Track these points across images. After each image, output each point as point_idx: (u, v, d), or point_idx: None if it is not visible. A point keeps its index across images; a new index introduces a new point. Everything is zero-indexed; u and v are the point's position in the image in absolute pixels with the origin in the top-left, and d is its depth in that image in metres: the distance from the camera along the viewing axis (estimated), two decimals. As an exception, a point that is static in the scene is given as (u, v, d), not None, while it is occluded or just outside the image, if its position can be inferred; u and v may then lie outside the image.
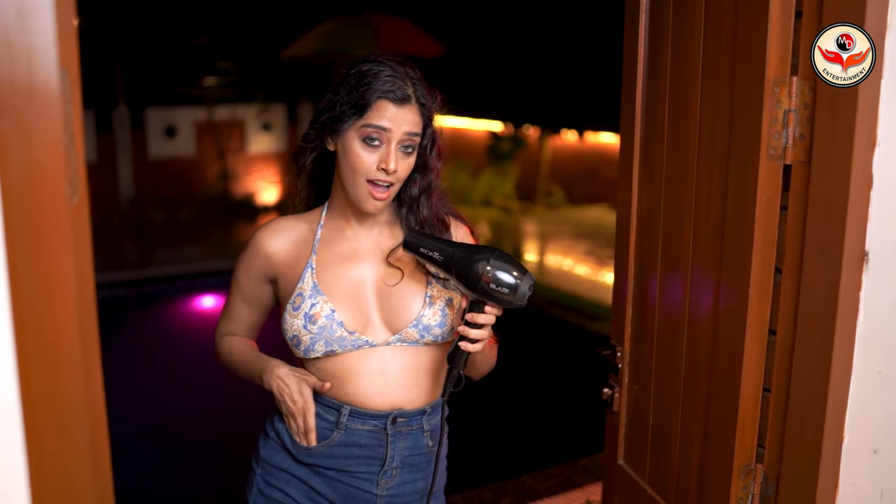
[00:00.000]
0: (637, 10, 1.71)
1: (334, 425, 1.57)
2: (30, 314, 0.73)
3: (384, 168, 1.48)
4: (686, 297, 1.61)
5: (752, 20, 1.37)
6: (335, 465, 1.58)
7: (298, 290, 1.56)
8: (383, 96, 1.48)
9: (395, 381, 1.57)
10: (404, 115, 1.49)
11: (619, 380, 1.86)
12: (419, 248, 1.47)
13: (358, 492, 1.59)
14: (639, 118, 1.74)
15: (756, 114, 1.37)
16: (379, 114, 1.48)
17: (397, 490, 1.61)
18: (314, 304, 1.54)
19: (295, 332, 1.54)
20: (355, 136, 1.49)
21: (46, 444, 0.80)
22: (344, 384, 1.56)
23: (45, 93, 0.73)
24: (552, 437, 4.53)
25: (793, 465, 1.40)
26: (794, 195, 1.36)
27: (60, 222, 0.76)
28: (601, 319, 5.80)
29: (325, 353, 1.55)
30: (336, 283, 1.57)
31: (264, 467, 1.66)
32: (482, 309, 1.45)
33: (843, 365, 1.31)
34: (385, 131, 1.48)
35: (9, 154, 0.71)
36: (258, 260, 1.63)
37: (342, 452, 1.58)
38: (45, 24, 0.72)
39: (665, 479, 1.71)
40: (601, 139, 9.57)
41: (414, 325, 1.55)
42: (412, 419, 1.58)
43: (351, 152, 1.50)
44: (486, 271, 1.40)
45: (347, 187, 1.53)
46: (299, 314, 1.54)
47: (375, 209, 1.53)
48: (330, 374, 1.57)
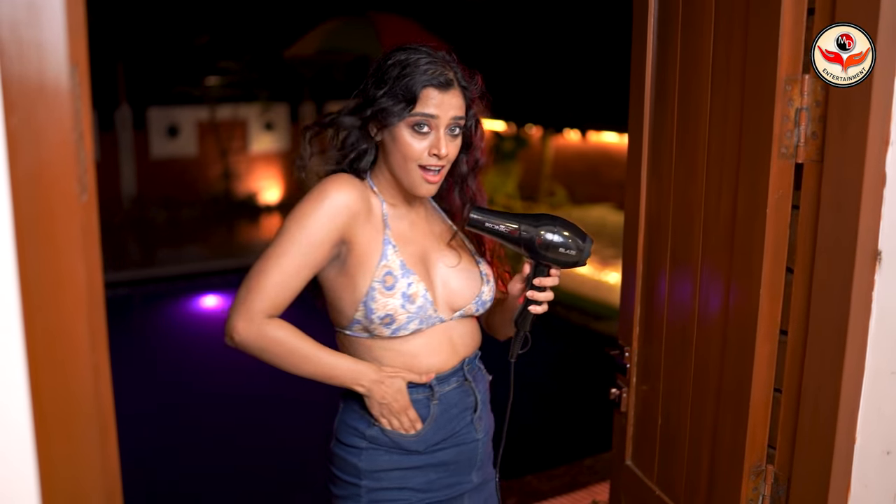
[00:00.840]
0: (645, 8, 1.70)
1: (428, 400, 1.61)
2: (40, 315, 0.72)
3: (436, 153, 1.51)
4: (695, 296, 1.60)
5: (763, 18, 1.36)
6: (446, 434, 1.63)
7: (385, 268, 1.52)
8: (428, 83, 1.50)
9: (460, 343, 1.65)
10: (449, 99, 1.52)
11: (626, 380, 1.85)
12: (485, 224, 1.53)
13: (466, 446, 1.66)
14: (647, 116, 1.73)
15: (767, 112, 1.36)
16: (425, 102, 1.50)
17: (486, 428, 1.71)
18: (410, 283, 1.53)
19: (389, 311, 1.51)
20: (404, 126, 1.51)
21: (56, 445, 0.79)
22: (420, 360, 1.59)
23: (56, 90, 0.73)
24: (557, 437, 4.52)
25: (804, 466, 1.39)
26: (806, 194, 1.35)
27: (70, 221, 0.75)
28: (605, 319, 5.79)
29: (414, 331, 1.56)
30: (415, 262, 1.57)
31: (371, 477, 1.60)
32: (547, 273, 1.56)
33: (856, 365, 1.30)
34: (433, 118, 1.50)
35: (18, 152, 0.70)
36: (338, 215, 1.48)
37: (444, 419, 1.62)
38: (56, 20, 0.71)
39: (674, 480, 1.70)
40: (604, 139, 9.54)
41: (475, 302, 1.64)
42: (472, 362, 1.69)
43: (401, 141, 1.51)
44: (552, 238, 1.50)
45: (398, 174, 1.55)
46: (395, 293, 1.51)
47: (429, 192, 1.56)
48: (407, 353, 1.58)
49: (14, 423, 0.75)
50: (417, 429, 1.60)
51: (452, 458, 1.65)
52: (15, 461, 0.76)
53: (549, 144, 9.97)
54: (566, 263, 1.52)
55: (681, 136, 1.63)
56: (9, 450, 0.76)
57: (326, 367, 1.55)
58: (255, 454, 4.35)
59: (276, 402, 4.88)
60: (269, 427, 4.66)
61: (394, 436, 1.60)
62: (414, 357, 1.59)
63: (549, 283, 1.56)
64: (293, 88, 10.34)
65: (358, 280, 1.52)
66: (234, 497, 4.01)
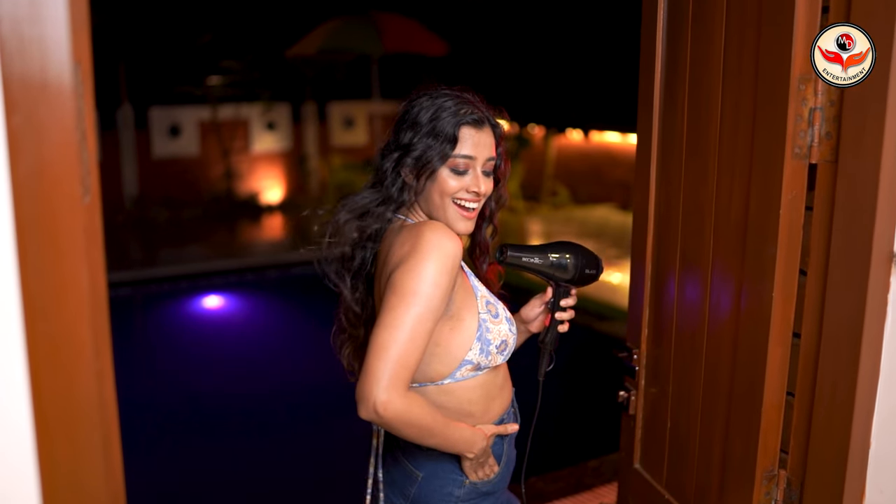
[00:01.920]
0: (655, 6, 1.68)
1: (502, 439, 1.64)
2: (42, 320, 0.70)
3: (475, 191, 1.53)
4: (706, 298, 1.58)
5: (777, 16, 1.34)
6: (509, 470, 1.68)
7: (483, 298, 1.55)
8: (464, 122, 1.51)
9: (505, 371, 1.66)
10: (484, 139, 1.54)
11: (635, 382, 1.83)
12: (521, 259, 1.60)
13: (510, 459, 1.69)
14: (656, 115, 1.71)
15: (781, 112, 1.33)
16: (463, 143, 1.51)
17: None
18: (500, 306, 1.58)
19: (503, 337, 1.54)
20: (444, 169, 1.52)
21: (59, 452, 0.77)
22: (502, 388, 1.62)
23: (58, 88, 0.70)
24: (561, 438, 4.49)
25: (818, 470, 1.37)
26: (820, 195, 1.33)
27: (73, 223, 0.73)
28: (609, 320, 5.77)
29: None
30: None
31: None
32: (569, 293, 1.66)
33: (871, 368, 1.28)
34: (471, 160, 1.52)
35: (20, 152, 0.68)
36: (456, 266, 1.42)
37: (510, 455, 1.68)
38: (58, 16, 0.69)
39: (684, 484, 1.68)
40: (606, 139, 9.51)
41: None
42: None
43: (440, 181, 1.52)
44: (579, 264, 1.62)
45: (436, 212, 1.54)
46: (501, 320, 1.55)
47: (467, 230, 1.56)
48: (495, 386, 1.59)
49: (16, 429, 0.73)
50: (496, 471, 1.63)
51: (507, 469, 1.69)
52: (17, 468, 0.74)
53: (551, 144, 9.94)
54: (589, 283, 1.64)
55: (691, 135, 1.60)
56: (11, 457, 0.73)
57: (452, 438, 1.47)
58: (257, 455, 4.33)
59: (279, 403, 4.86)
60: (272, 427, 4.64)
61: (484, 484, 1.62)
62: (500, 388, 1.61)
63: (572, 302, 1.67)
64: (295, 88, 10.32)
65: (466, 319, 1.49)
66: (234, 497, 3.99)
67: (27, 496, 0.77)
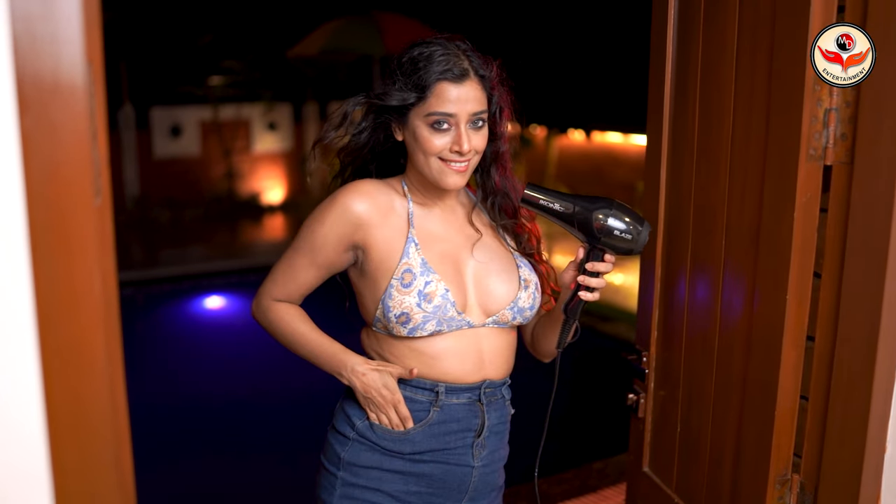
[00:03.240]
0: (666, 6, 1.67)
1: (430, 405, 1.56)
2: (55, 323, 0.69)
3: (458, 150, 1.47)
4: (717, 300, 1.56)
5: (791, 15, 1.32)
6: (435, 446, 1.57)
7: (405, 266, 1.50)
8: (441, 77, 1.46)
9: (487, 359, 1.58)
10: (466, 92, 1.47)
11: (644, 385, 1.81)
12: (539, 201, 1.46)
13: (456, 468, 1.59)
14: (667, 115, 1.69)
15: (795, 113, 1.32)
16: (441, 99, 1.46)
17: (488, 459, 1.63)
18: (428, 282, 1.49)
19: (405, 309, 1.48)
20: (422, 124, 1.48)
21: (70, 456, 0.75)
22: (441, 363, 1.55)
23: (71, 87, 0.69)
24: (566, 440, 4.48)
25: (832, 475, 1.35)
26: (835, 197, 1.32)
27: (86, 225, 0.71)
28: (612, 321, 5.75)
29: (432, 332, 1.52)
30: (440, 261, 1.54)
31: (349, 469, 1.59)
32: (601, 257, 1.49)
33: (887, 371, 1.27)
34: (451, 116, 1.47)
35: (32, 152, 0.67)
36: (345, 223, 1.52)
37: (440, 430, 1.57)
38: (72, 14, 0.67)
39: (694, 489, 1.66)
40: (608, 139, 9.50)
41: (510, 308, 1.57)
42: (497, 389, 1.62)
43: (420, 138, 1.48)
44: (608, 220, 1.43)
45: (423, 170, 1.52)
46: (411, 291, 1.49)
47: (457, 184, 1.51)
48: (427, 354, 1.54)
49: (28, 433, 0.72)
50: (407, 426, 1.55)
51: (438, 476, 1.59)
52: (30, 476, 0.72)
53: (553, 145, 9.93)
54: (621, 249, 1.46)
55: (702, 136, 1.59)
56: (24, 463, 0.72)
57: (316, 350, 1.60)
58: (258, 455, 4.32)
59: (282, 403, 4.85)
60: (273, 427, 4.62)
61: (380, 432, 1.57)
62: (433, 359, 1.54)
63: (603, 268, 1.49)
64: (296, 88, 10.30)
65: (378, 279, 1.52)
66: (235, 498, 3.97)
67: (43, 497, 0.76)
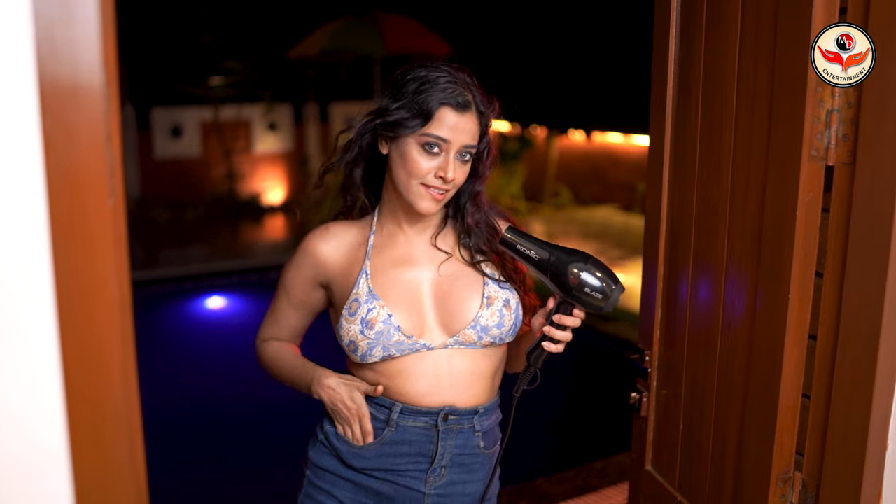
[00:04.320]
0: (668, 8, 1.68)
1: (385, 423, 1.57)
2: (74, 321, 0.70)
3: (441, 176, 1.49)
4: (720, 300, 1.57)
5: (793, 17, 1.34)
6: (384, 465, 1.58)
7: (354, 296, 1.55)
8: (445, 102, 1.47)
9: (448, 382, 1.57)
10: (464, 123, 1.49)
11: (647, 384, 1.82)
12: (516, 245, 1.46)
13: (406, 490, 1.59)
14: (669, 116, 1.70)
15: (798, 114, 1.33)
16: (440, 123, 1.47)
17: (445, 490, 1.61)
18: (371, 308, 1.52)
19: (352, 337, 1.53)
20: (413, 143, 1.49)
21: (88, 451, 0.77)
22: (397, 384, 1.56)
23: (88, 90, 0.70)
24: (567, 440, 4.49)
25: (834, 473, 1.36)
26: (837, 197, 1.33)
27: (102, 224, 0.72)
28: (613, 321, 5.77)
29: (383, 357, 1.54)
30: (392, 286, 1.56)
31: (313, 469, 1.67)
32: (570, 311, 1.47)
33: (889, 370, 1.28)
34: (444, 142, 1.48)
35: (52, 153, 0.68)
36: (309, 265, 1.62)
37: (392, 451, 1.58)
38: (89, 18, 0.69)
39: (697, 487, 1.68)
40: (609, 139, 9.52)
41: (472, 327, 1.55)
42: (463, 418, 1.58)
43: (408, 158, 1.49)
44: (582, 275, 1.41)
45: (401, 189, 1.53)
46: (356, 319, 1.53)
47: (429, 210, 1.52)
48: (385, 375, 1.57)
49: (49, 425, 0.73)
50: (367, 441, 1.58)
51: (388, 494, 1.61)
52: (50, 465, 0.74)
53: (553, 145, 9.94)
54: (592, 306, 1.44)
55: (705, 136, 1.60)
56: (45, 454, 0.73)
57: (292, 370, 1.67)
58: (259, 454, 4.33)
59: (281, 403, 4.86)
60: (274, 427, 4.63)
61: (337, 442, 1.62)
62: (390, 379, 1.57)
63: (570, 322, 1.47)
64: (297, 89, 10.32)
65: (339, 310, 1.59)
66: (233, 498, 3.98)
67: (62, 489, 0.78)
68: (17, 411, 0.73)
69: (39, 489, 0.76)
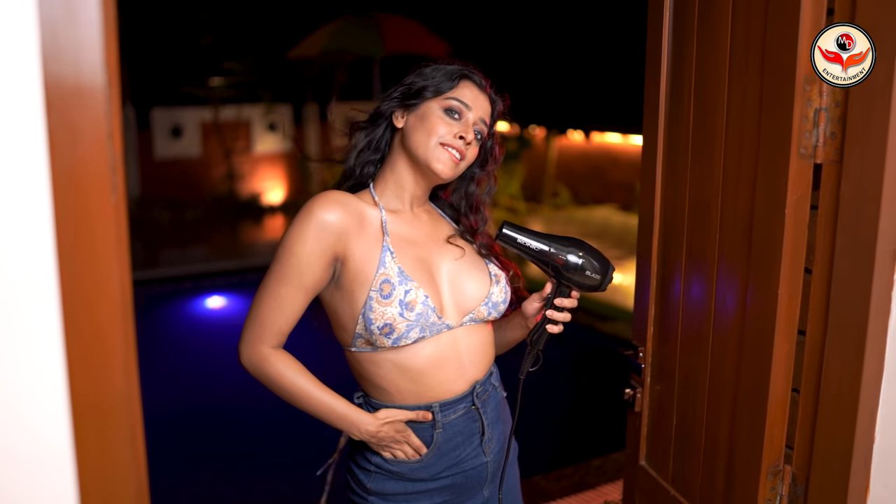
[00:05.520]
0: (661, 7, 1.70)
1: (431, 427, 1.58)
2: (77, 315, 0.72)
3: (462, 136, 1.54)
4: (712, 296, 1.60)
5: (782, 17, 1.36)
6: (447, 464, 1.61)
7: (383, 276, 1.47)
8: (467, 77, 1.58)
9: (468, 359, 1.60)
10: (482, 100, 1.59)
11: (641, 380, 1.85)
12: (517, 240, 1.54)
13: (472, 470, 1.63)
14: (662, 114, 1.73)
15: (786, 112, 1.36)
16: (463, 92, 1.56)
17: (497, 445, 1.68)
18: (408, 290, 1.48)
19: (388, 320, 1.46)
20: (437, 107, 1.55)
21: (91, 443, 0.79)
22: (428, 377, 1.55)
23: (91, 89, 0.73)
24: (565, 437, 4.52)
25: (822, 466, 1.39)
26: (825, 194, 1.35)
27: (104, 220, 0.75)
28: (611, 320, 5.79)
29: (416, 339, 1.51)
30: (416, 267, 1.54)
31: (378, 496, 1.62)
32: (568, 294, 1.58)
33: (875, 364, 1.30)
34: (467, 108, 1.56)
35: (56, 151, 0.70)
36: (328, 235, 1.46)
37: (448, 447, 1.60)
38: (92, 19, 0.71)
39: (690, 481, 1.70)
40: (607, 139, 9.55)
41: (485, 304, 1.60)
42: (486, 384, 1.65)
43: (430, 119, 1.54)
44: (579, 261, 1.53)
45: (418, 153, 1.54)
46: (392, 301, 1.46)
47: (444, 173, 1.54)
48: (412, 370, 1.54)
49: (54, 419, 0.75)
50: (422, 454, 1.59)
51: (459, 483, 1.63)
52: (52, 463, 0.76)
53: (552, 145, 9.97)
54: (588, 287, 1.56)
55: (697, 134, 1.63)
56: (49, 451, 0.76)
57: (324, 409, 1.55)
58: (258, 454, 4.35)
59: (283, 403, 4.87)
60: (274, 428, 4.66)
61: (396, 465, 1.59)
62: (419, 374, 1.54)
63: (569, 304, 1.59)
64: (296, 89, 10.35)
65: (356, 292, 1.49)
66: (232, 499, 4.00)
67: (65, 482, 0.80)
68: (21, 408, 0.75)
69: (43, 486, 0.78)
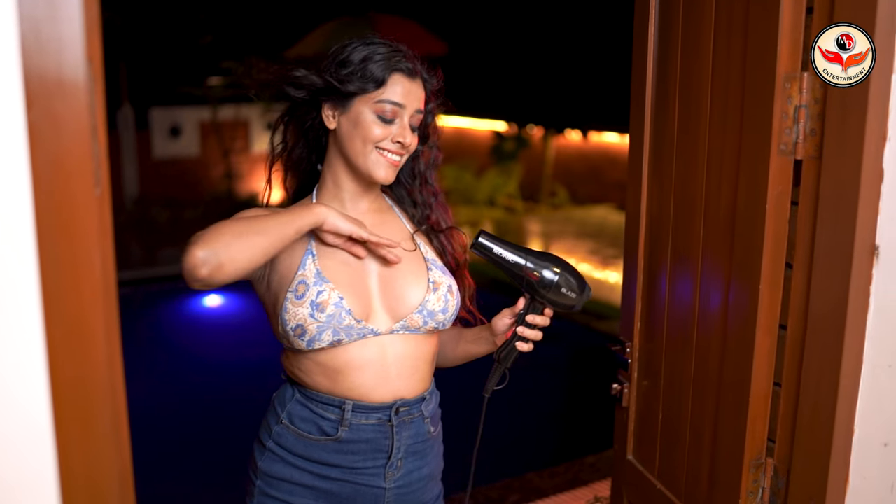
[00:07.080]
0: (646, 7, 1.72)
1: (338, 423, 1.53)
2: (58, 305, 0.74)
3: (399, 141, 1.51)
4: (696, 292, 1.62)
5: (763, 16, 1.38)
6: (341, 463, 1.55)
7: (300, 278, 1.49)
8: (396, 69, 1.51)
9: (395, 371, 1.55)
10: (415, 89, 1.54)
11: (628, 375, 1.87)
12: (492, 251, 1.50)
13: (365, 488, 1.56)
14: (648, 114, 1.75)
15: (767, 109, 1.38)
16: (394, 89, 1.51)
17: (404, 480, 1.59)
18: (321, 291, 1.47)
19: (300, 321, 1.46)
20: (368, 111, 1.51)
21: (73, 433, 0.81)
22: (345, 377, 1.52)
23: (73, 84, 0.75)
24: (558, 435, 4.54)
25: (803, 458, 1.41)
26: (805, 190, 1.37)
27: (88, 213, 0.77)
28: (607, 318, 5.81)
29: (331, 342, 1.49)
30: (339, 269, 1.52)
31: (264, 479, 1.60)
32: (541, 311, 1.54)
33: (854, 359, 1.32)
34: (400, 108, 1.51)
35: (38, 144, 0.72)
36: None
37: (348, 448, 1.55)
38: (74, 16, 0.73)
39: (675, 474, 1.72)
40: (605, 139, 9.56)
41: (419, 312, 1.55)
42: (413, 407, 1.58)
43: (363, 125, 1.51)
44: (555, 278, 1.49)
45: (355, 159, 1.53)
46: (304, 302, 1.47)
47: (387, 177, 1.53)
48: (330, 368, 1.52)
49: (33, 408, 0.77)
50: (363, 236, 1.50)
51: (348, 493, 1.57)
52: (34, 446, 0.78)
53: (550, 145, 9.99)
54: (562, 305, 1.52)
55: (682, 133, 1.65)
56: (28, 435, 0.78)
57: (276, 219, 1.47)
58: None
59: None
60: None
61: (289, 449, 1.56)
62: (337, 372, 1.52)
63: (541, 322, 1.55)
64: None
65: (278, 294, 1.52)
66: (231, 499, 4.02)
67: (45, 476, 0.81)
68: (3, 389, 0.77)
69: (25, 464, 0.80)
